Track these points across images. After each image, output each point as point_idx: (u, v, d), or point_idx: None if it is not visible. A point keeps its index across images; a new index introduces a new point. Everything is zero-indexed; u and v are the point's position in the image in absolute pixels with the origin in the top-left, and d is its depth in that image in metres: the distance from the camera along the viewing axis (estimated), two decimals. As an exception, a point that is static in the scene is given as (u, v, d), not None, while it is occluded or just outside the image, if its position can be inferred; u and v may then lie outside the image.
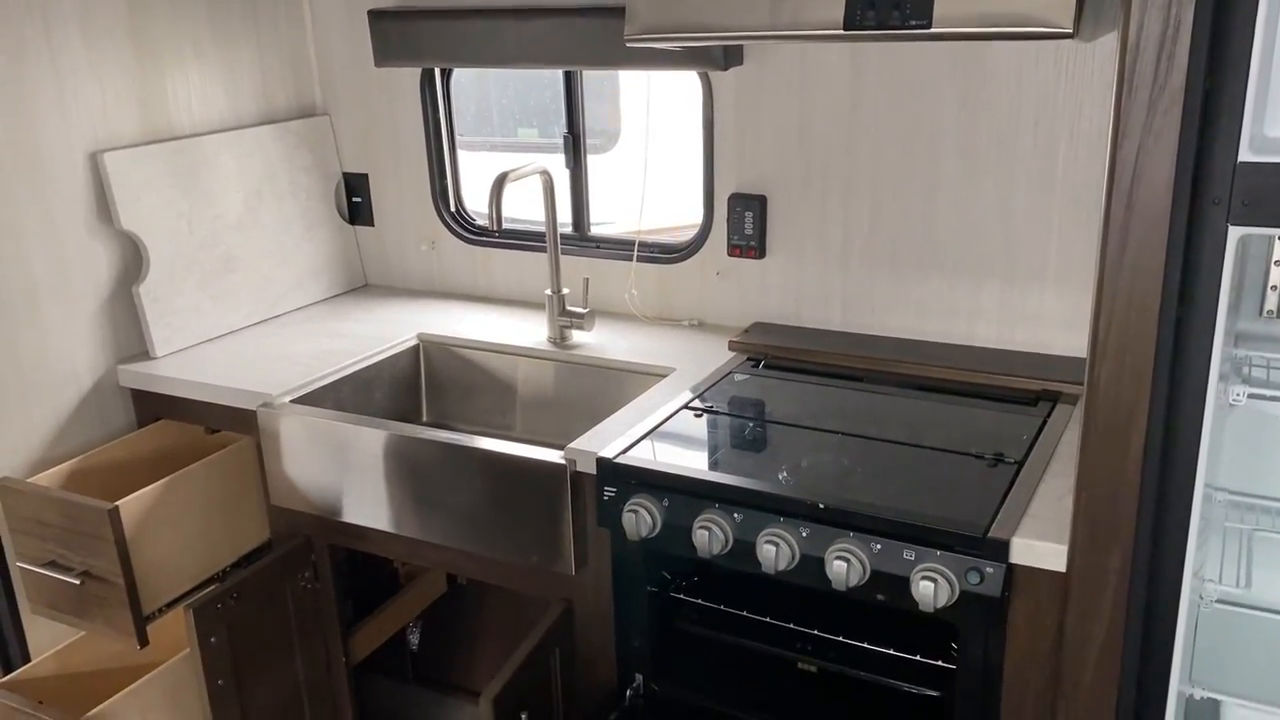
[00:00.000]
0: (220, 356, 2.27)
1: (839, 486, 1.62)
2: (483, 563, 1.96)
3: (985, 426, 1.83)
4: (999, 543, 1.45)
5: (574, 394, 2.25)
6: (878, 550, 1.53)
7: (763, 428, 1.86)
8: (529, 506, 1.82)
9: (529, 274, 2.54)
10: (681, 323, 2.36)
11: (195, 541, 2.03)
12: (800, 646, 1.78)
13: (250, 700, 2.02)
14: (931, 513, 1.52)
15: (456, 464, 1.86)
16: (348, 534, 2.08)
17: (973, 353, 2.05)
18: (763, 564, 1.59)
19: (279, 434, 2.03)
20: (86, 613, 1.96)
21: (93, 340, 2.19)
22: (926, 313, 2.12)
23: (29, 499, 1.94)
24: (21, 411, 2.08)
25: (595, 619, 1.88)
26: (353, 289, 2.73)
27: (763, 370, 2.10)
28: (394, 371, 2.34)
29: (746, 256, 2.24)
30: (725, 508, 1.64)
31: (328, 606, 2.18)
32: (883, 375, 2.02)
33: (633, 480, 1.72)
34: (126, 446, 2.20)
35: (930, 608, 1.47)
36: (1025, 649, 1.51)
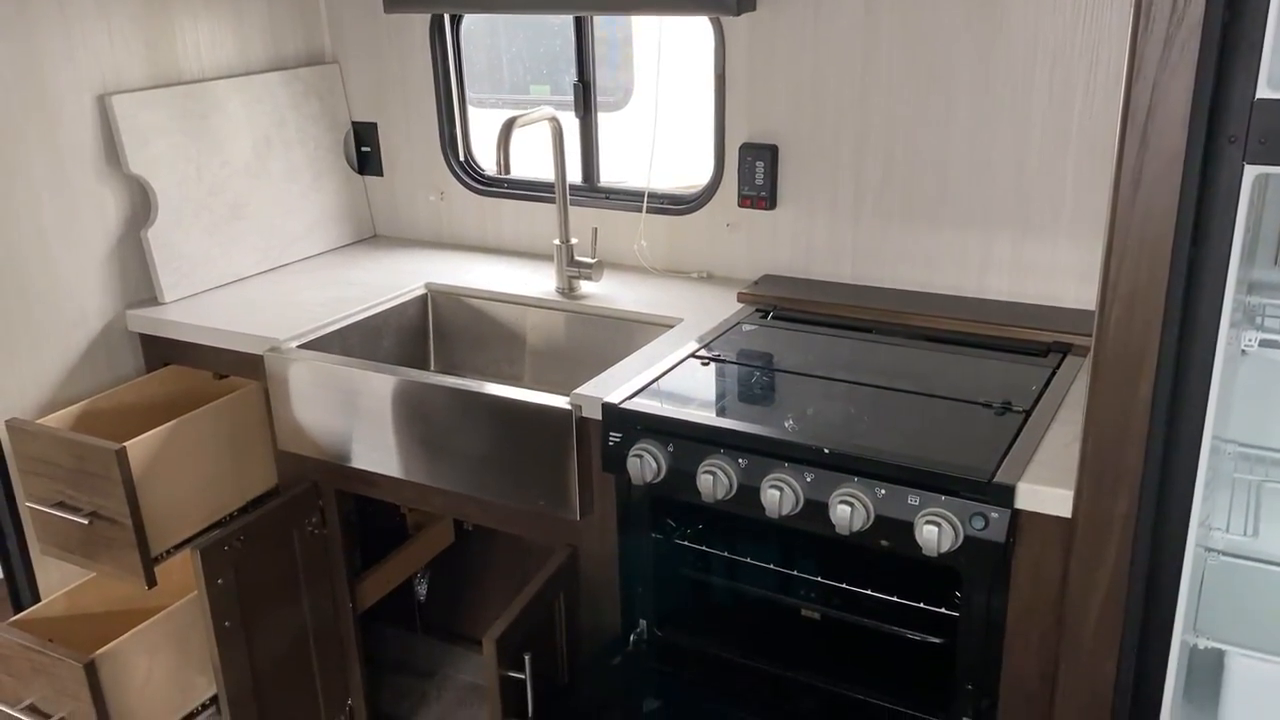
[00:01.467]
0: (228, 302, 2.27)
1: (845, 433, 1.61)
2: (489, 508, 1.96)
3: (994, 377, 1.81)
4: (1004, 488, 1.44)
5: (582, 344, 2.24)
6: (882, 495, 1.52)
7: (769, 376, 1.85)
8: (535, 452, 1.82)
9: (538, 225, 2.52)
10: (690, 275, 2.35)
11: (203, 485, 2.04)
12: (804, 594, 1.79)
13: (257, 643, 2.04)
14: (937, 458, 1.51)
15: (463, 409, 1.86)
16: (355, 479, 2.09)
17: (983, 305, 2.04)
18: (766, 509, 1.59)
19: (285, 379, 2.04)
20: (95, 553, 1.97)
21: (101, 284, 2.19)
22: (937, 265, 2.10)
23: (38, 439, 1.95)
24: (31, 354, 2.08)
25: (600, 564, 1.88)
26: (361, 239, 2.72)
27: (771, 321, 2.09)
28: (402, 320, 2.34)
29: (757, 208, 2.22)
30: (730, 453, 1.64)
31: (335, 552, 2.19)
32: (892, 326, 2.01)
33: (638, 426, 1.72)
34: (135, 391, 2.21)
35: (934, 552, 1.47)
36: (1029, 595, 1.51)
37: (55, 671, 1.92)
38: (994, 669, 1.57)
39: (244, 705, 2.02)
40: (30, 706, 1.98)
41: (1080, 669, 1.48)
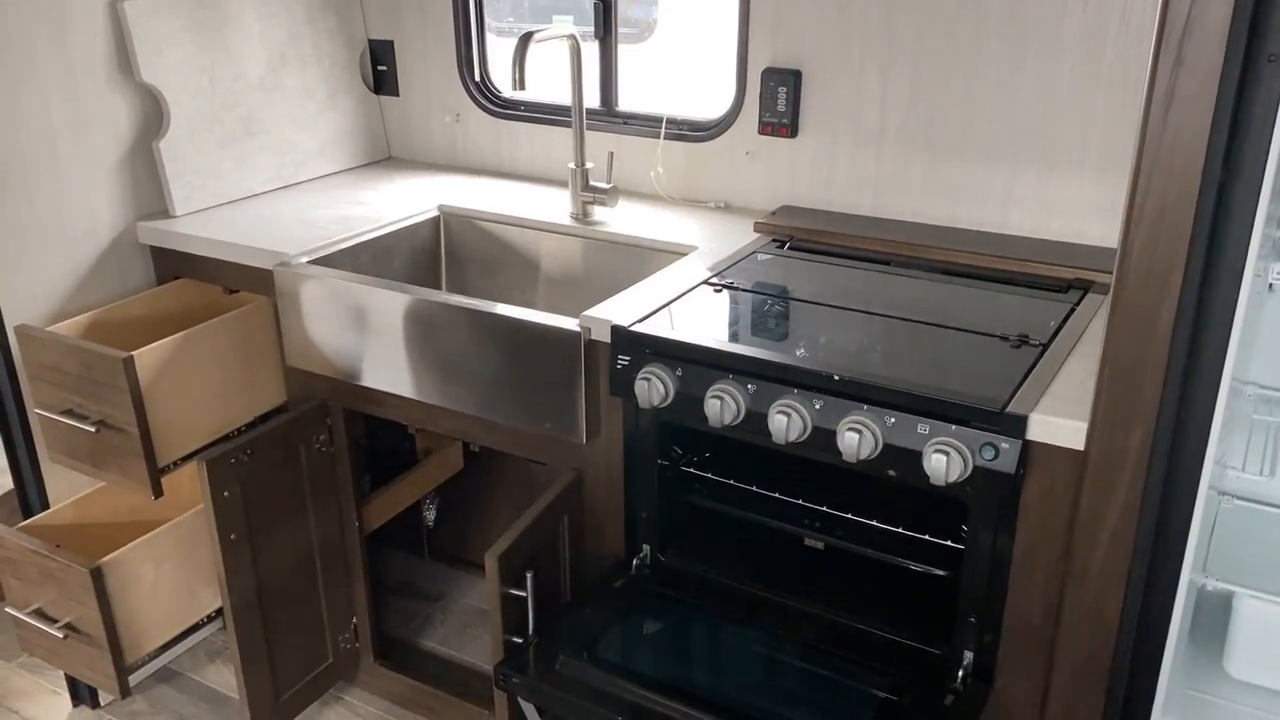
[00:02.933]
0: (239, 218, 2.25)
1: (856, 361, 1.59)
2: (495, 430, 1.95)
3: (1012, 311, 1.78)
4: (1016, 418, 1.42)
5: (595, 270, 2.21)
6: (891, 423, 1.50)
7: (783, 305, 1.82)
8: (543, 374, 1.80)
9: (554, 150, 2.48)
10: (707, 204, 2.31)
11: (210, 398, 2.04)
12: (808, 523, 1.77)
13: (262, 557, 2.04)
14: (949, 387, 1.48)
15: (472, 329, 1.84)
16: (363, 398, 2.08)
17: (1005, 240, 1.99)
18: (774, 434, 1.57)
19: (295, 294, 2.02)
20: (103, 462, 1.98)
21: (112, 195, 2.17)
22: (960, 199, 2.05)
23: (47, 346, 1.95)
24: (41, 262, 2.07)
25: (605, 489, 1.87)
26: (375, 161, 2.69)
27: (787, 251, 2.05)
28: (413, 242, 2.31)
29: (778, 135, 2.17)
30: (739, 378, 1.61)
31: (342, 471, 2.19)
32: (911, 260, 1.97)
33: (647, 349, 1.69)
34: (145, 303, 2.20)
35: (942, 482, 1.44)
36: (1036, 528, 1.49)
37: (62, 577, 1.93)
38: (997, 602, 1.56)
39: (249, 618, 2.03)
40: (38, 611, 2.00)
41: (1085, 604, 1.47)
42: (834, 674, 1.64)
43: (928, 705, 1.54)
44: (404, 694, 2.33)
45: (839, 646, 1.67)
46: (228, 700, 2.37)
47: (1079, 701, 1.53)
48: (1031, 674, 1.56)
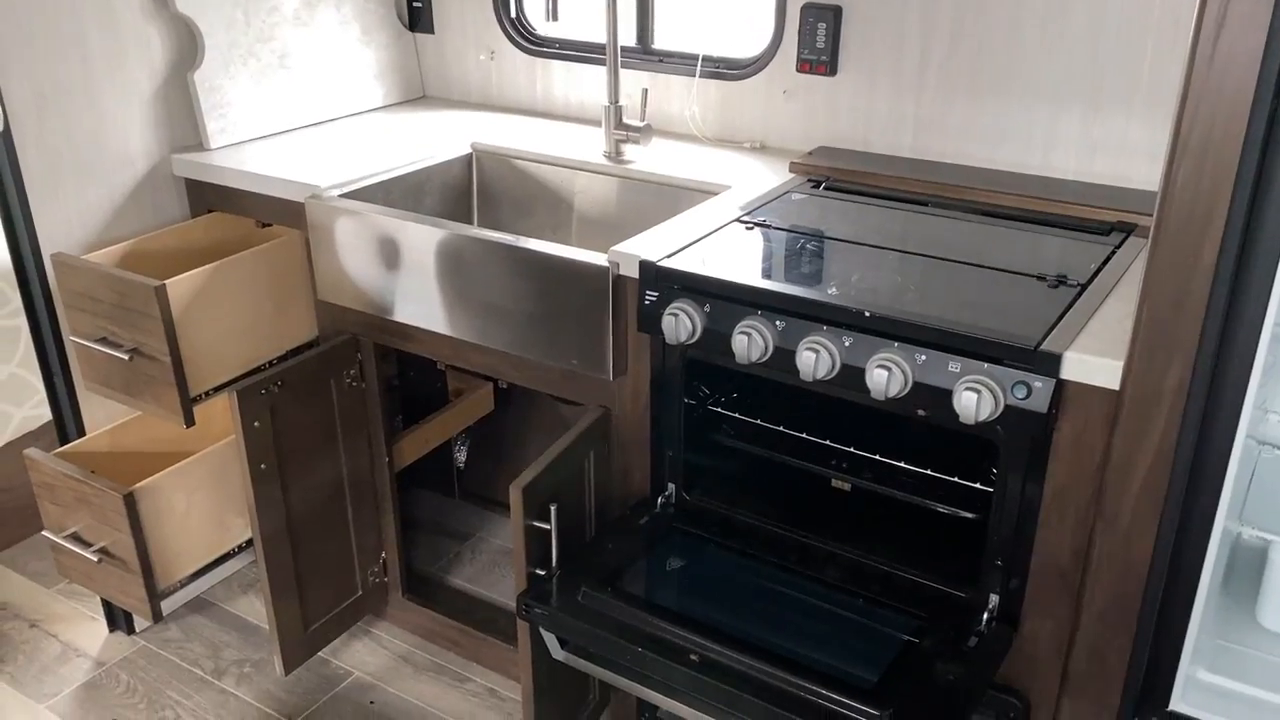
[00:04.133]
0: (272, 152, 2.24)
1: (888, 299, 1.55)
2: (523, 366, 1.94)
3: (1051, 252, 1.74)
4: (1050, 356, 1.38)
5: (626, 209, 2.19)
6: (922, 361, 1.47)
7: (816, 244, 1.79)
8: (571, 310, 1.79)
9: (588, 90, 2.45)
10: (742, 144, 2.28)
11: (242, 330, 2.05)
12: (835, 464, 1.75)
13: (292, 489, 2.06)
14: (982, 324, 1.45)
15: (501, 264, 1.83)
16: (392, 333, 2.08)
17: (1047, 183, 1.94)
18: (801, 371, 1.54)
19: (326, 227, 2.02)
20: (136, 390, 2.00)
21: (147, 126, 2.18)
22: (1002, 140, 2.00)
23: (82, 274, 1.96)
24: (77, 193, 2.09)
25: (631, 427, 1.87)
26: (409, 99, 2.67)
27: (823, 191, 2.01)
28: (445, 179, 2.30)
29: (816, 73, 2.13)
30: (768, 315, 1.59)
31: (373, 407, 2.20)
32: (949, 201, 1.93)
33: (675, 285, 1.67)
34: (178, 235, 2.21)
35: (971, 420, 1.42)
36: (1067, 470, 1.46)
37: (97, 502, 1.97)
38: (1025, 546, 1.53)
39: (278, 548, 2.06)
40: (74, 535, 2.04)
41: (1115, 548, 1.44)
42: (857, 615, 1.62)
43: (950, 647, 1.53)
44: (431, 628, 2.36)
45: (863, 588, 1.66)
46: (258, 630, 2.41)
47: (1106, 647, 1.50)
48: (1057, 618, 1.54)
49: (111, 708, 2.19)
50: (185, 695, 2.23)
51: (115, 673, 2.29)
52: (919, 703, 1.42)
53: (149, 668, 2.30)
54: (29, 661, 2.32)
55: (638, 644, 1.52)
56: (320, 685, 2.26)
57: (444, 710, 2.19)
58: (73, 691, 2.24)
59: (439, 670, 2.30)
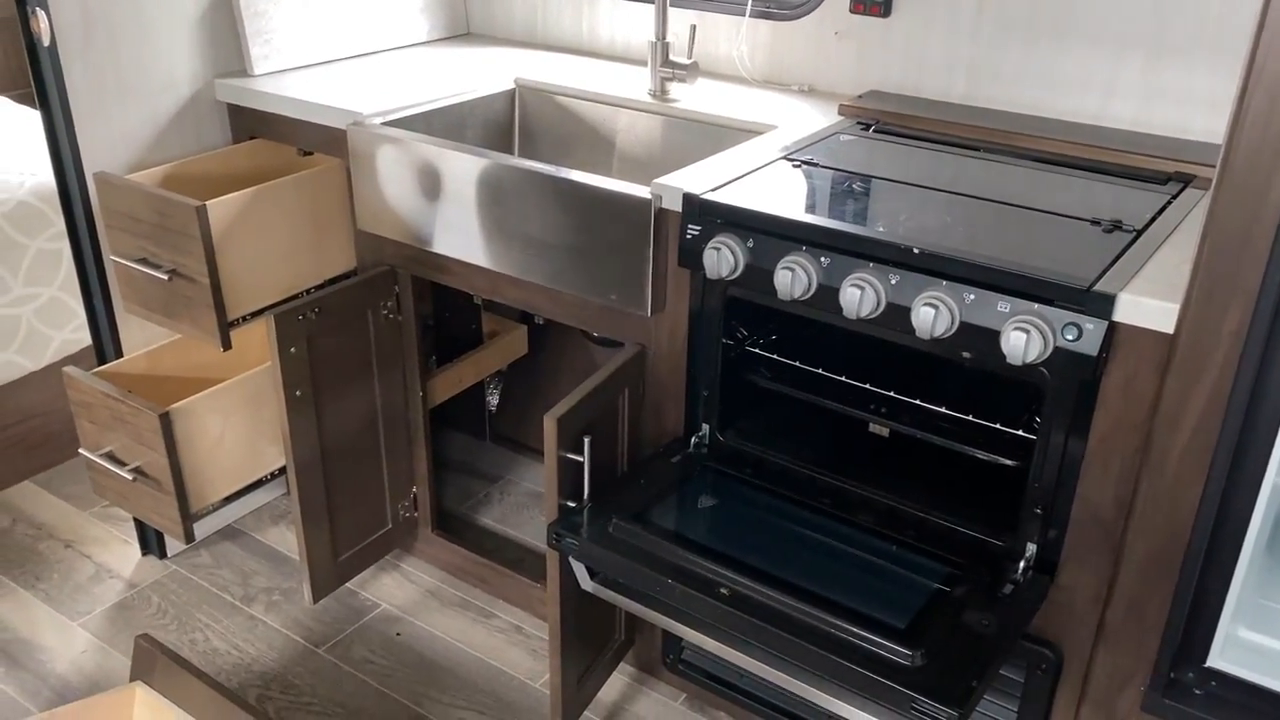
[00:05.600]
0: (315, 80, 2.23)
1: (936, 238, 1.52)
2: (560, 300, 1.93)
3: (1105, 199, 1.69)
4: (1103, 297, 1.35)
5: (669, 148, 2.16)
6: (970, 300, 1.44)
7: (863, 184, 1.75)
8: (611, 243, 1.77)
9: (635, 29, 2.42)
10: (790, 86, 2.23)
11: (281, 256, 2.05)
12: (874, 408, 1.73)
13: (327, 418, 2.06)
14: (1033, 264, 1.41)
15: (542, 195, 1.81)
16: (430, 265, 2.07)
17: (1103, 132, 1.89)
18: (845, 308, 1.52)
19: (368, 155, 2.00)
20: (175, 312, 2.00)
21: (192, 50, 2.17)
22: (1058, 86, 1.95)
23: (124, 193, 1.96)
24: (121, 113, 2.08)
25: (667, 366, 1.85)
26: (454, 35, 2.65)
27: (872, 134, 1.97)
28: (488, 113, 2.28)
29: (870, 14, 2.08)
30: (812, 250, 1.56)
31: (409, 339, 2.19)
32: (1001, 147, 1.88)
33: (718, 219, 1.65)
34: (220, 160, 2.20)
35: (1019, 361, 1.38)
36: (1114, 416, 1.42)
37: (133, 421, 1.98)
38: (1066, 494, 1.50)
39: (311, 476, 2.06)
40: (109, 454, 2.06)
41: (1160, 498, 1.41)
42: (890, 560, 1.60)
43: (984, 595, 1.50)
44: (458, 564, 2.36)
45: (897, 533, 1.63)
46: (288, 559, 2.42)
47: (1145, 599, 1.47)
48: (1096, 569, 1.51)
49: (142, 627, 2.22)
50: (214, 619, 2.25)
51: (147, 594, 2.31)
52: (951, 647, 1.40)
53: (180, 591, 2.33)
54: (63, 580, 2.35)
55: (668, 576, 1.51)
56: (347, 615, 2.27)
57: (469, 644, 2.20)
58: (105, 611, 2.27)
59: (465, 606, 2.31)
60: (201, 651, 2.17)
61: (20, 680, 2.09)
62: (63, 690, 2.07)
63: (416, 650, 2.19)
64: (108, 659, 2.14)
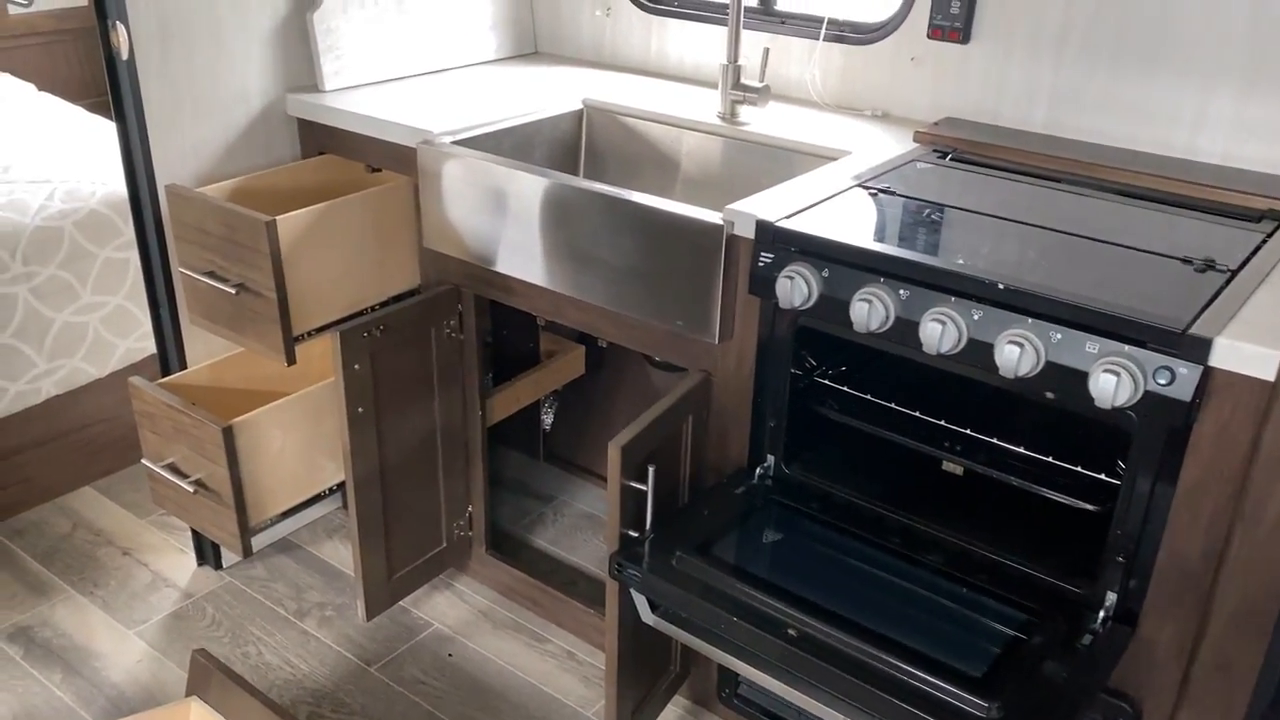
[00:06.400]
0: (384, 97, 2.23)
1: (1021, 272, 1.47)
2: (624, 325, 1.90)
3: (1195, 236, 1.63)
4: (1199, 341, 1.29)
5: (738, 173, 2.13)
6: (1057, 340, 1.39)
7: (942, 214, 1.71)
8: (679, 268, 1.74)
9: (705, 51, 2.39)
10: (864, 112, 2.19)
11: (347, 273, 2.04)
12: (948, 446, 1.68)
13: (387, 434, 2.05)
14: (1125, 304, 1.36)
15: (610, 217, 1.79)
16: (494, 284, 2.05)
17: (1192, 166, 1.83)
18: (925, 344, 1.47)
19: (436, 174, 2.00)
20: (240, 326, 2.01)
21: (265, 64, 2.18)
22: (1144, 118, 1.89)
23: (194, 206, 1.97)
24: (193, 125, 2.10)
25: (733, 394, 1.81)
26: (522, 54, 2.64)
27: (949, 163, 1.92)
28: (555, 133, 2.26)
29: (948, 40, 2.04)
30: (891, 282, 1.52)
31: (470, 358, 2.18)
32: (1084, 179, 1.83)
33: (793, 247, 1.61)
34: (289, 174, 2.21)
35: (1108, 405, 1.33)
36: (1207, 464, 1.36)
37: (195, 434, 1.98)
38: (1151, 543, 1.44)
39: (369, 493, 2.05)
40: (171, 465, 2.06)
41: (1255, 550, 1.35)
42: (962, 603, 1.55)
43: (1062, 644, 1.45)
44: (511, 585, 2.34)
45: (970, 576, 1.58)
46: (341, 575, 2.41)
47: (1234, 656, 1.41)
48: (1181, 621, 1.45)
49: (196, 639, 2.22)
50: (267, 633, 2.25)
51: (201, 605, 2.32)
52: (1028, 698, 1.35)
53: (234, 603, 2.32)
54: (120, 588, 2.36)
55: (733, 613, 1.47)
56: (400, 634, 2.26)
57: (521, 669, 2.17)
58: (160, 620, 2.27)
59: (518, 629, 2.28)
60: (254, 665, 2.16)
61: (76, 687, 2.10)
62: (117, 699, 2.07)
63: (468, 672, 2.16)
64: (162, 669, 2.15)
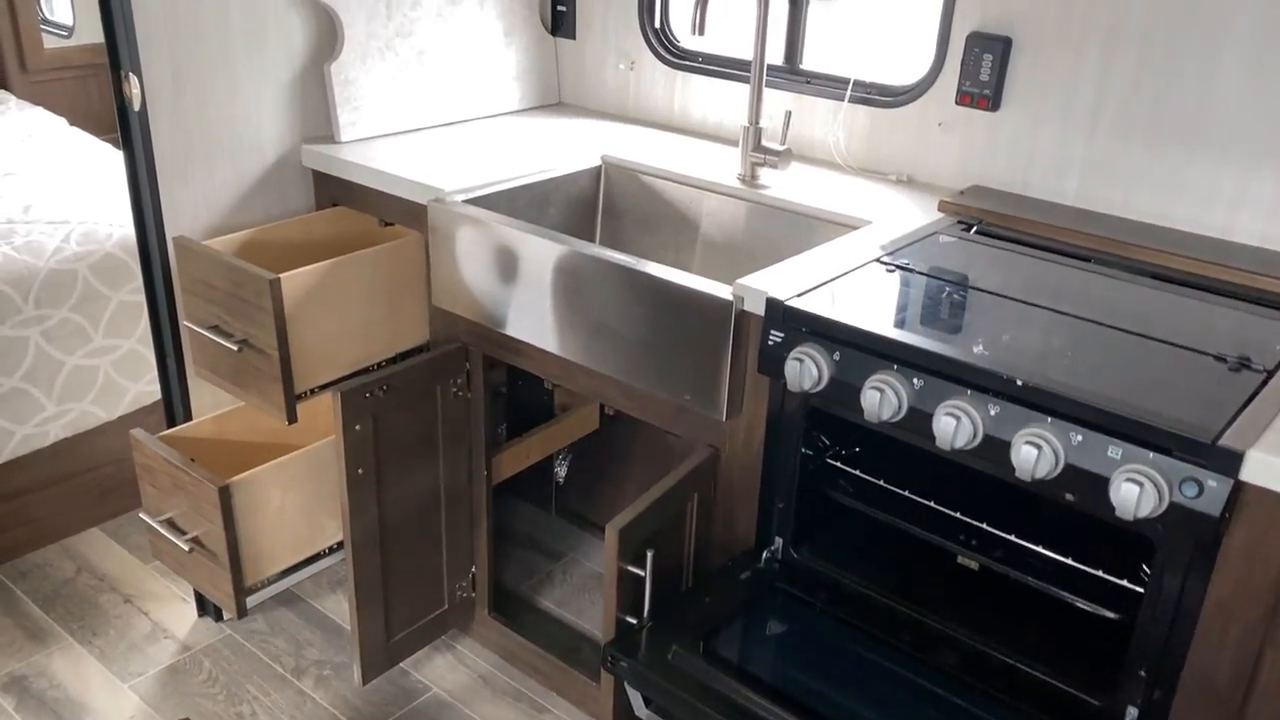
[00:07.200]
0: (401, 149, 2.20)
1: (1043, 366, 1.40)
2: (632, 395, 1.84)
3: (1230, 328, 1.55)
4: (1230, 453, 1.21)
5: (757, 237, 2.07)
6: (1078, 442, 1.31)
7: (963, 294, 1.64)
8: (689, 342, 1.68)
9: (728, 108, 2.34)
10: (888, 176, 2.13)
11: (354, 329, 2.00)
12: (963, 539, 1.60)
13: (388, 495, 2.00)
14: (1151, 407, 1.28)
15: (620, 287, 1.73)
16: (503, 346, 2.01)
17: (1229, 248, 1.75)
18: (938, 438, 1.40)
19: (446, 232, 1.96)
20: (243, 382, 1.97)
21: (280, 114, 2.16)
22: (1180, 195, 1.81)
23: (200, 260, 1.95)
24: (205, 175, 2.08)
25: (741, 472, 1.75)
26: (545, 105, 2.61)
27: (974, 235, 1.85)
28: (572, 190, 2.22)
29: (977, 107, 1.97)
30: (905, 370, 1.45)
31: (476, 418, 2.13)
32: (1115, 258, 1.75)
33: (803, 327, 1.55)
34: (301, 226, 2.18)
35: (1129, 516, 1.25)
36: (1237, 580, 1.28)
37: (193, 491, 1.94)
38: (1176, 657, 1.35)
39: (368, 555, 2.00)
40: (169, 520, 2.03)
41: (1287, 678, 1.26)
42: (973, 709, 1.47)
43: (1079, 761, 1.36)
44: (513, 650, 2.28)
45: (982, 679, 1.50)
46: (342, 631, 2.37)
47: (1263, 787, 1.32)
48: (1208, 746, 1.36)
49: (191, 696, 2.18)
50: (264, 692, 2.20)
51: (199, 659, 2.28)
52: (1039, 824, 1.27)
53: (232, 658, 2.28)
54: (119, 637, 2.33)
55: (728, 716, 1.40)
56: (397, 698, 2.20)
57: (519, 740, 2.11)
58: (156, 674, 2.23)
59: (518, 696, 2.21)
60: (247, 726, 2.12)
61: (66, 743, 2.06)
62: (106, 757, 2.03)
63: (464, 742, 2.11)
64: (154, 727, 2.11)
